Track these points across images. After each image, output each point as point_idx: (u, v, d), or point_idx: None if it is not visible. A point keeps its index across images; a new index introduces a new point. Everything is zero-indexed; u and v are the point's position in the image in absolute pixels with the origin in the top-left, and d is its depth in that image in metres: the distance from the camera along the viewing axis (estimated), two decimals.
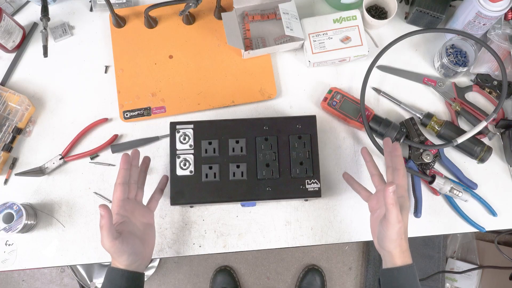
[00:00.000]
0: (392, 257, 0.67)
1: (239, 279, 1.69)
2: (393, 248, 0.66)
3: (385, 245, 0.67)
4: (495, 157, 0.89)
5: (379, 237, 0.68)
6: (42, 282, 1.69)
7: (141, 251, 0.68)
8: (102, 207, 0.63)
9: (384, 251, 0.68)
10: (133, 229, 0.70)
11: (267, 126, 0.79)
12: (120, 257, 0.65)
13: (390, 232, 0.65)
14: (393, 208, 0.64)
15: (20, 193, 0.86)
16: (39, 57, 0.91)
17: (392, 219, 0.64)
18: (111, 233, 0.63)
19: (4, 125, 0.85)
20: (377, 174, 0.77)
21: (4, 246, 0.83)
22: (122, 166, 0.71)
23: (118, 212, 0.69)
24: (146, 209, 0.75)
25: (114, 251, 0.64)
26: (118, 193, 0.70)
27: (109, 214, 0.63)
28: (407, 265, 0.66)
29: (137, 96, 0.88)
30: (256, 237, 0.85)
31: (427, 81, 0.91)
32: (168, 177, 0.79)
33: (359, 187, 0.79)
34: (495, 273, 1.54)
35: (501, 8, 0.81)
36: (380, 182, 0.76)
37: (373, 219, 0.74)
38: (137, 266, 0.68)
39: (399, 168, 0.72)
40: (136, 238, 0.68)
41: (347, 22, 0.89)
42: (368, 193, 0.77)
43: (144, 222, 0.73)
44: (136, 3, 0.95)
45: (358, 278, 1.71)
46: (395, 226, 0.64)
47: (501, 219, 0.87)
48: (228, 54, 0.91)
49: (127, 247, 0.65)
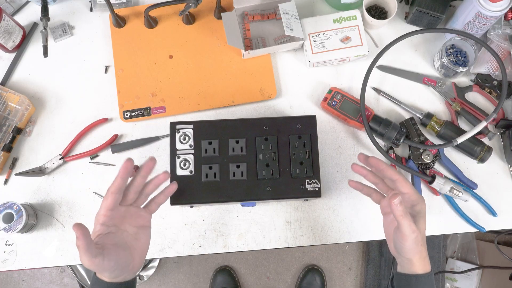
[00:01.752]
0: (412, 264, 0.64)
1: (239, 279, 1.69)
2: (412, 256, 0.63)
3: (403, 253, 0.64)
4: (495, 157, 0.89)
5: (396, 246, 0.65)
6: (42, 282, 1.69)
7: (127, 264, 0.62)
8: (76, 227, 0.55)
9: (402, 258, 0.65)
10: (120, 239, 0.63)
11: (267, 126, 0.79)
12: (102, 273, 0.60)
13: (406, 243, 0.62)
14: (403, 220, 0.60)
15: (20, 193, 0.86)
16: (39, 57, 0.91)
17: (405, 231, 0.61)
18: (89, 253, 0.56)
19: (4, 125, 0.85)
20: (380, 182, 0.72)
21: (4, 246, 0.83)
22: (120, 174, 0.62)
23: (103, 222, 0.61)
24: (143, 211, 0.68)
25: (94, 268, 0.58)
26: (109, 202, 0.61)
27: (84, 234, 0.55)
28: (426, 274, 0.64)
29: (137, 96, 0.88)
30: (256, 237, 0.85)
31: (427, 81, 0.91)
32: (177, 185, 0.73)
33: (369, 190, 0.73)
34: (495, 273, 1.54)
35: (501, 8, 0.80)
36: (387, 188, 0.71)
37: (386, 222, 0.70)
38: (124, 277, 0.62)
39: (395, 178, 0.67)
40: (123, 250, 0.62)
41: (347, 22, 0.89)
42: (380, 195, 0.72)
43: (137, 225, 0.66)
44: (136, 3, 0.95)
45: (358, 278, 1.71)
46: (410, 236, 0.61)
47: (501, 219, 0.87)
48: (228, 54, 0.91)
49: (110, 263, 0.58)
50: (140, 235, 0.66)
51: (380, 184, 0.71)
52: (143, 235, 0.67)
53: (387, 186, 0.71)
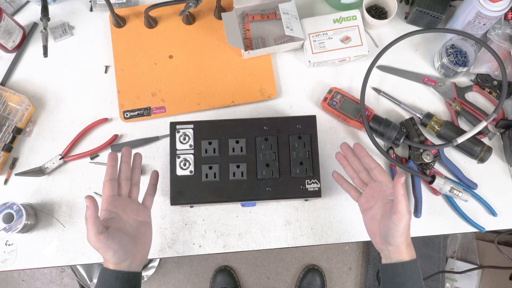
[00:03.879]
0: (399, 251, 0.66)
1: (239, 279, 1.69)
2: (401, 242, 0.66)
3: (393, 240, 0.66)
4: (495, 157, 0.89)
5: (386, 233, 0.67)
6: (42, 282, 1.69)
7: (130, 250, 0.66)
8: (88, 197, 0.61)
9: (390, 247, 0.67)
10: (123, 226, 0.68)
11: (267, 126, 0.79)
12: (105, 253, 0.63)
13: (401, 224, 0.64)
14: (403, 199, 0.64)
15: (20, 193, 0.86)
16: (39, 57, 0.91)
17: (403, 210, 0.64)
18: (96, 226, 0.61)
19: (4, 125, 0.85)
20: (357, 177, 0.77)
21: (4, 246, 0.83)
22: (108, 163, 0.69)
23: (106, 208, 0.67)
24: (141, 206, 0.73)
25: (99, 246, 0.62)
26: (107, 189, 0.68)
27: (95, 205, 0.62)
28: (412, 260, 0.66)
29: (137, 96, 0.88)
30: (256, 237, 0.85)
31: (427, 81, 0.91)
32: (158, 172, 0.77)
33: (349, 187, 0.78)
34: (495, 273, 1.54)
35: (501, 8, 0.80)
36: (362, 183, 0.76)
37: (367, 218, 0.73)
38: (128, 265, 0.66)
39: (373, 166, 0.73)
40: (125, 235, 0.67)
41: (347, 22, 0.89)
42: (358, 193, 0.77)
43: (139, 220, 0.71)
44: (136, 3, 0.95)
45: (358, 278, 1.71)
46: (406, 216, 0.64)
47: (501, 219, 0.87)
48: (228, 54, 0.91)
49: (113, 243, 0.63)
50: (142, 229, 0.71)
51: (356, 179, 0.77)
52: (145, 230, 0.71)
53: (362, 181, 0.76)
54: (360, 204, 0.76)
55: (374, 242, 0.72)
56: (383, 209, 0.69)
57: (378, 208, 0.71)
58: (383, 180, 0.72)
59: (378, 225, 0.70)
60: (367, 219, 0.74)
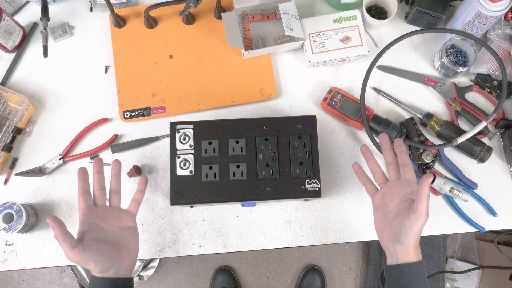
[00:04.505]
0: (407, 252, 0.66)
1: (239, 279, 1.69)
2: (411, 243, 0.65)
3: (405, 240, 0.65)
4: (495, 157, 0.89)
5: (398, 231, 0.66)
6: (42, 282, 1.69)
7: (114, 256, 0.66)
8: (50, 219, 0.62)
9: (399, 246, 0.66)
10: (103, 235, 0.68)
11: (267, 126, 0.79)
12: (86, 264, 0.64)
13: (417, 224, 0.64)
14: (426, 199, 0.63)
15: (20, 193, 0.86)
16: (39, 57, 0.91)
17: (423, 210, 0.63)
18: (68, 242, 0.62)
19: (4, 125, 0.85)
20: (380, 172, 0.77)
21: (4, 246, 0.83)
22: (79, 178, 0.71)
23: (83, 220, 0.68)
24: (124, 212, 0.74)
25: (78, 259, 0.63)
26: (80, 203, 0.69)
27: (59, 224, 0.62)
28: (418, 262, 0.66)
29: (137, 96, 0.88)
30: (256, 237, 0.85)
31: (427, 81, 0.91)
32: (147, 178, 0.79)
33: (367, 181, 0.78)
34: (495, 273, 1.54)
35: (501, 8, 0.80)
36: (384, 179, 0.76)
37: (379, 215, 0.73)
38: (115, 272, 0.66)
39: (407, 163, 0.73)
40: (105, 243, 0.66)
41: (347, 22, 0.89)
42: (374, 188, 0.76)
43: (121, 226, 0.71)
44: (136, 3, 0.95)
45: (358, 278, 1.71)
46: (424, 218, 0.63)
47: (501, 219, 0.87)
48: (228, 54, 0.91)
49: (91, 254, 0.63)
50: (125, 234, 0.71)
51: (379, 174, 0.77)
52: (129, 235, 0.72)
53: (384, 178, 0.76)
54: (374, 200, 0.75)
55: (381, 239, 0.71)
56: (400, 207, 0.69)
57: (394, 205, 0.70)
58: (411, 178, 0.71)
59: (390, 222, 0.69)
60: (379, 216, 0.73)
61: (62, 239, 0.62)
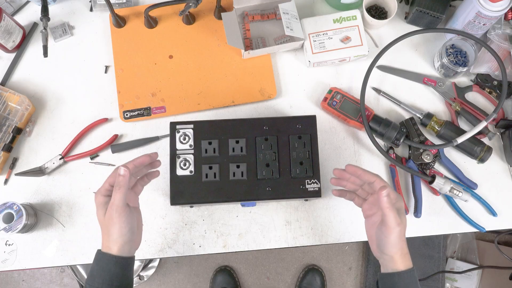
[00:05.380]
0: (394, 261, 0.66)
1: (239, 279, 1.69)
2: (394, 253, 0.65)
3: (386, 250, 0.66)
4: (495, 157, 0.89)
5: (379, 243, 0.67)
6: (42, 282, 1.69)
7: (135, 232, 0.67)
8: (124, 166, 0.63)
9: (385, 256, 0.67)
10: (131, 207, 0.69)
11: (267, 126, 0.79)
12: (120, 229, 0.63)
13: (391, 236, 0.64)
14: (390, 212, 0.63)
15: (20, 193, 0.86)
16: (39, 57, 0.91)
17: (391, 223, 0.63)
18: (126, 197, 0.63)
19: (4, 125, 0.85)
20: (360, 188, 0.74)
21: (4, 246, 0.83)
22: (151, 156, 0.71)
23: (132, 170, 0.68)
24: (133, 193, 0.73)
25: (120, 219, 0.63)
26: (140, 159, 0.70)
27: (130, 175, 0.63)
28: (408, 270, 0.66)
29: (137, 96, 0.88)
30: (256, 237, 0.85)
31: (427, 81, 0.91)
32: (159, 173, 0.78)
33: (351, 195, 0.76)
34: (495, 273, 1.54)
35: (501, 8, 0.80)
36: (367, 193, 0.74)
37: (368, 224, 0.72)
38: (129, 250, 0.66)
39: (373, 180, 0.69)
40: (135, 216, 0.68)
41: (347, 22, 0.89)
42: (361, 199, 0.75)
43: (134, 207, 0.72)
44: (136, 3, 0.95)
45: (358, 278, 1.71)
46: (395, 229, 0.63)
47: (501, 219, 0.87)
48: (228, 54, 0.91)
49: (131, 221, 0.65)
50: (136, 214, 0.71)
51: (360, 190, 0.74)
52: (138, 215, 0.72)
53: (366, 191, 0.73)
54: (363, 210, 0.74)
55: (372, 250, 0.72)
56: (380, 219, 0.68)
57: (378, 216, 0.70)
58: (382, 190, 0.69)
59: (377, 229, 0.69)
60: (368, 225, 0.73)
61: (124, 191, 0.63)
